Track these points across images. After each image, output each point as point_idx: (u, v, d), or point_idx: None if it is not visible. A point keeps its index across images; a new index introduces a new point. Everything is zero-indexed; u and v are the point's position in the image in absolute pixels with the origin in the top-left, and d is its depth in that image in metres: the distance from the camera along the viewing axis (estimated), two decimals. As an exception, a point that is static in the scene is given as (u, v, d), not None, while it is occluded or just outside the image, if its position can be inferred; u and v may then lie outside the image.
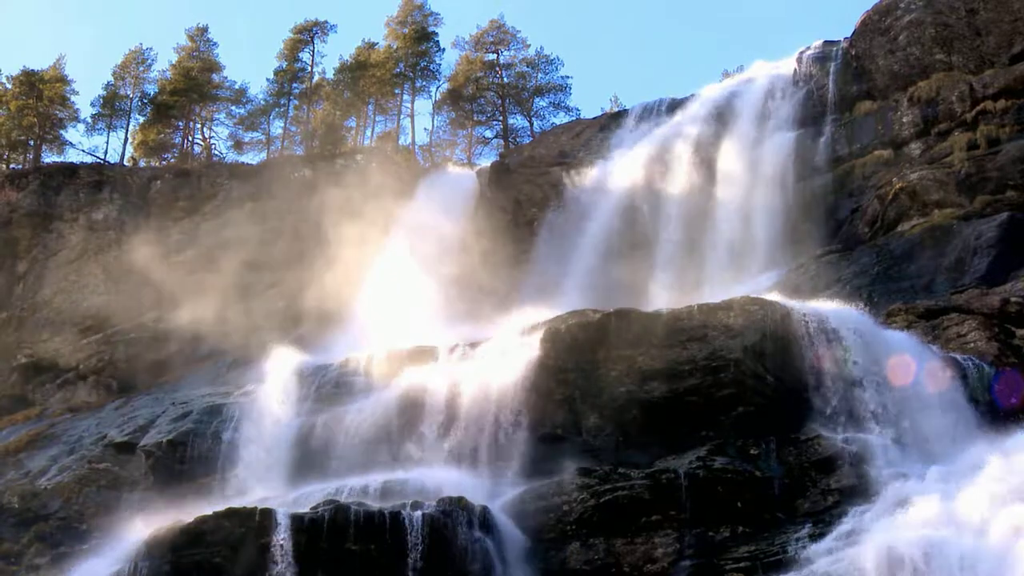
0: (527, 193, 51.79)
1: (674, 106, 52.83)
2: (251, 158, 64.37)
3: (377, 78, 63.68)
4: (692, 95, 52.75)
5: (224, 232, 52.35)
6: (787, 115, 47.64)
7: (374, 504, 26.97)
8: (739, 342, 29.40)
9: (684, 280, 43.91)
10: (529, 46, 65.41)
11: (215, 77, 65.74)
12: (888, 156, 43.10)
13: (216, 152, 65.11)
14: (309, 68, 66.67)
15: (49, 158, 62.84)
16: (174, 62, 65.98)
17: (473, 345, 33.94)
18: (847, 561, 22.35)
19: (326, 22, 66.46)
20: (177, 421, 36.04)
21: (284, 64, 66.55)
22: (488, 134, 65.72)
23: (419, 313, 44.06)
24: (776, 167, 45.54)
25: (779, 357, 29.40)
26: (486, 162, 58.13)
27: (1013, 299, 31.74)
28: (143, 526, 29.40)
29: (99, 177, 56.17)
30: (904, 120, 43.43)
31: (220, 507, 27.12)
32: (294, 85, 66.52)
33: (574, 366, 30.55)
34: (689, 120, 50.45)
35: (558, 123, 62.34)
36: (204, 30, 66.95)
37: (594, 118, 58.69)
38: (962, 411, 28.28)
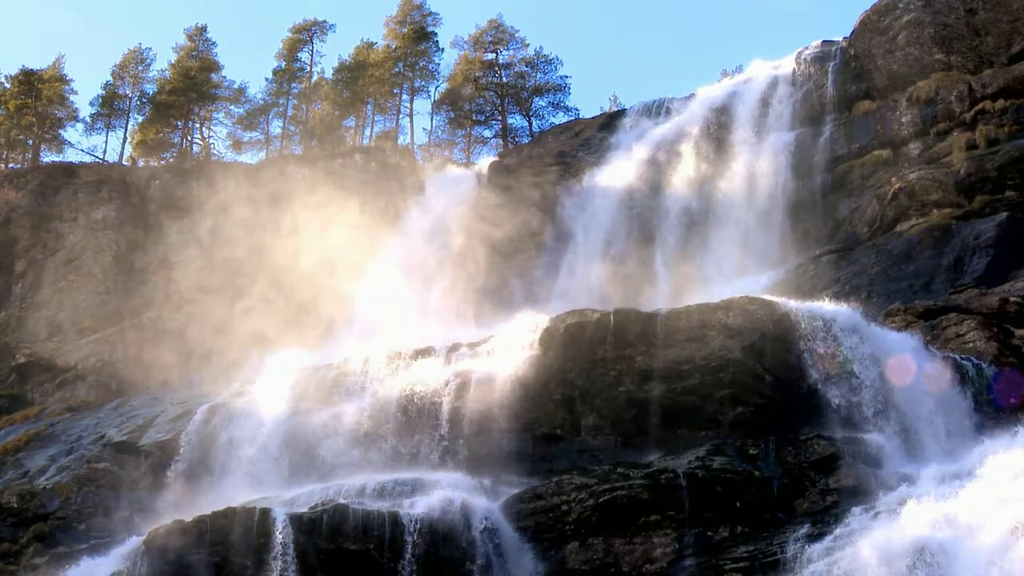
0: (526, 193, 51.75)
1: (673, 106, 52.85)
2: (250, 157, 64.53)
3: (376, 78, 63.68)
4: (691, 95, 52.79)
5: (223, 231, 52.34)
6: (786, 115, 47.61)
7: (372, 504, 26.98)
8: (738, 342, 29.39)
9: (683, 280, 43.91)
10: (528, 46, 65.55)
11: (214, 76, 65.76)
12: (887, 156, 43.09)
13: (215, 151, 65.22)
14: (308, 68, 66.76)
15: (48, 158, 63.12)
16: (173, 61, 66.11)
17: (472, 345, 33.88)
18: (846, 561, 22.34)
19: (325, 22, 66.71)
20: (176, 421, 36.01)
21: (283, 64, 66.62)
22: (487, 134, 65.76)
23: (418, 312, 44.04)
24: (775, 167, 45.52)
25: (778, 357, 29.38)
26: (485, 162, 58.13)
27: (1012, 299, 31.74)
28: (142, 526, 29.44)
29: (98, 177, 56.21)
30: (903, 120, 43.42)
31: (219, 507, 27.11)
32: (293, 85, 66.58)
33: (573, 366, 30.53)
34: (688, 120, 50.46)
35: (557, 123, 62.38)
36: (203, 29, 67.02)
37: (593, 118, 58.68)
38: (961, 411, 28.27)
